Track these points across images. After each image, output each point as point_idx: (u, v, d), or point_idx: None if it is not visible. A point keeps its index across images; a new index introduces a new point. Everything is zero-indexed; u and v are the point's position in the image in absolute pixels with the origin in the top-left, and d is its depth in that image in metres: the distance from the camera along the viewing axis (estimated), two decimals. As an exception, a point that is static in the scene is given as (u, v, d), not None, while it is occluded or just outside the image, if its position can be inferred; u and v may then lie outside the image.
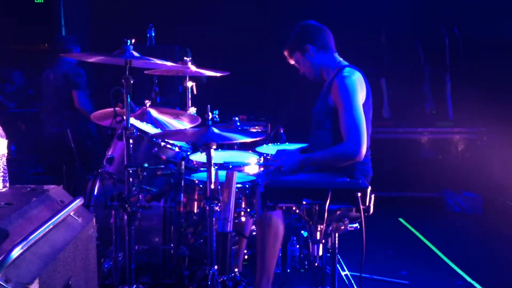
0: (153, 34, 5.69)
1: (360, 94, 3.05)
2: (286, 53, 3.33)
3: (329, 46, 3.24)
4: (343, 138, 3.01)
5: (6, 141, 1.95)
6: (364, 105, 3.06)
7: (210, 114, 2.90)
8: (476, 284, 3.82)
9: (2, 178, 1.93)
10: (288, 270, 3.91)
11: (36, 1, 8.40)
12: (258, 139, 2.98)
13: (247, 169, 3.52)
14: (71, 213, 1.94)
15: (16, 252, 1.42)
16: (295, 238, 3.93)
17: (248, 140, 2.91)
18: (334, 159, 3.04)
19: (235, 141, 2.97)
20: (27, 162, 6.84)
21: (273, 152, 3.48)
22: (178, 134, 3.24)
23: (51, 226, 1.66)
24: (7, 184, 1.97)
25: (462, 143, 6.49)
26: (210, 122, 2.88)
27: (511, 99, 6.15)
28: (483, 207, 5.94)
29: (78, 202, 2.01)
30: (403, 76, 7.06)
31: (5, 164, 1.95)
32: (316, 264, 3.18)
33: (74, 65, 5.03)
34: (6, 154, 1.96)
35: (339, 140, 3.03)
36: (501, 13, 6.32)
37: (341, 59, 3.26)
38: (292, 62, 3.35)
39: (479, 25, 6.56)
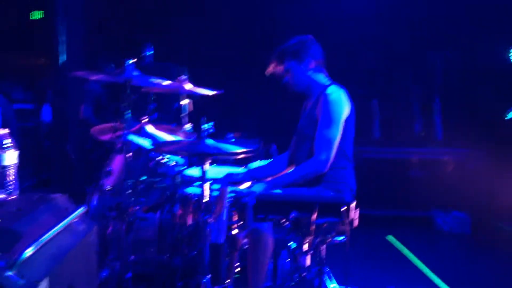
0: (150, 53, 5.85)
1: (345, 110, 3.25)
2: (275, 58, 3.37)
3: (323, 66, 3.43)
4: (315, 150, 3.18)
5: (17, 152, 2.10)
6: (348, 120, 3.26)
7: (205, 125, 3.01)
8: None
9: (12, 186, 2.09)
10: (279, 283, 4.02)
11: (31, 18, 8.55)
12: (250, 154, 3.09)
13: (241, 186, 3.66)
14: (75, 220, 2.09)
15: (28, 252, 1.57)
16: (286, 252, 4.05)
17: (241, 151, 2.96)
18: (304, 175, 3.18)
19: (227, 153, 3.06)
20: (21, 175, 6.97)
21: (221, 175, 3.50)
22: (173, 145, 3.36)
23: (58, 230, 1.81)
24: (17, 192, 2.12)
25: (451, 163, 6.64)
26: (204, 134, 2.99)
27: (498, 121, 6.33)
28: (471, 227, 6.07)
29: (82, 210, 2.16)
30: (394, 98, 7.24)
31: (15, 173, 2.10)
32: (303, 275, 3.32)
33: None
34: (15, 164, 2.11)
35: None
36: (489, 40, 6.53)
37: (326, 78, 3.44)
38: (273, 68, 3.40)
39: (468, 51, 6.77)
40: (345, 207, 2.57)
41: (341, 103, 3.25)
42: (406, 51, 7.16)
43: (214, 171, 3.92)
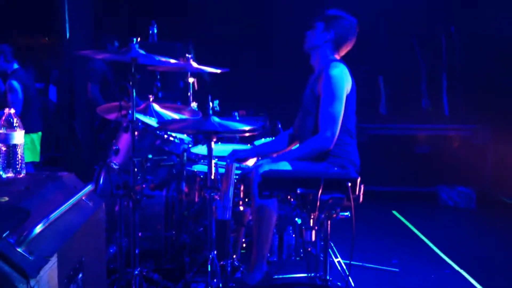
0: (155, 31, 5.85)
1: (346, 86, 3.29)
2: (317, 18, 3.47)
3: (340, 50, 3.46)
4: (320, 126, 3.23)
5: (23, 131, 2.13)
6: (349, 96, 3.29)
7: (210, 103, 3.03)
8: (463, 273, 4.00)
9: (20, 165, 2.12)
10: (284, 258, 4.08)
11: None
12: (256, 132, 3.12)
13: (247, 162, 3.69)
14: (83, 198, 2.13)
15: (37, 229, 1.60)
16: (291, 227, 4.10)
17: (246, 128, 2.98)
18: (310, 151, 3.24)
19: (234, 130, 3.08)
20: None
21: (227, 152, 3.58)
22: (180, 123, 3.40)
23: (67, 208, 1.85)
24: (24, 171, 2.15)
25: (457, 139, 6.65)
26: (210, 111, 3.01)
27: (504, 97, 6.31)
28: (476, 202, 6.10)
29: (90, 187, 2.19)
30: (400, 74, 7.21)
31: (22, 153, 2.13)
32: (309, 249, 3.37)
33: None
34: (23, 144, 2.14)
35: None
36: (496, 13, 6.47)
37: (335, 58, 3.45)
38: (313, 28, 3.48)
39: (474, 24, 6.72)
40: (350, 183, 2.59)
41: (343, 79, 3.28)
42: (413, 27, 7.11)
43: (220, 148, 3.95)
